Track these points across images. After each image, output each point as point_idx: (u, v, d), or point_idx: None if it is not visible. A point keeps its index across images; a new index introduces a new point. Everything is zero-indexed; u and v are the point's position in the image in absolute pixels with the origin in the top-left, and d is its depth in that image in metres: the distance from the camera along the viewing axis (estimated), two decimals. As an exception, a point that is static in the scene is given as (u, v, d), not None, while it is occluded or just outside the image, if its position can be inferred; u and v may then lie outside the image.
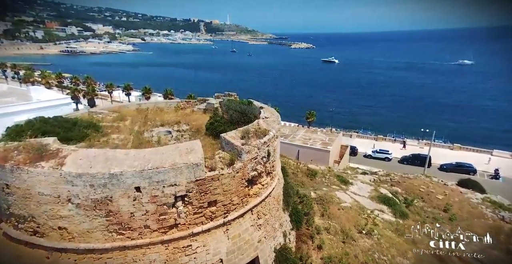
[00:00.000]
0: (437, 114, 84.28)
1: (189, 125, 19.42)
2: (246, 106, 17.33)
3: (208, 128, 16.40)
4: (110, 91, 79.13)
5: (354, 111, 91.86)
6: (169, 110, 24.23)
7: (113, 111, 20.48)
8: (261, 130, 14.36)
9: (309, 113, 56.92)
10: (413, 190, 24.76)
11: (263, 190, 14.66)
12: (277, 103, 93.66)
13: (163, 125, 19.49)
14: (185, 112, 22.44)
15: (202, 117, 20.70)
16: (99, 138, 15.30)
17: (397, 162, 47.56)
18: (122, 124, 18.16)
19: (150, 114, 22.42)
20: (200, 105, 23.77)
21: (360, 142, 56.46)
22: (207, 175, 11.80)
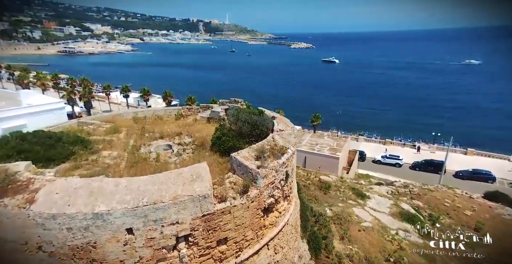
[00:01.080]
0: (445, 116, 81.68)
1: (191, 137, 17.20)
2: (257, 116, 15.12)
3: (214, 142, 14.20)
4: (107, 92, 76.66)
5: (357, 113, 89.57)
6: (169, 119, 22.03)
7: (106, 121, 18.27)
8: (278, 147, 12.16)
9: (314, 116, 54.63)
10: (437, 204, 22.56)
11: (280, 218, 12.45)
12: (278, 104, 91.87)
13: (162, 137, 17.29)
14: (187, 122, 20.19)
15: (206, 127, 18.49)
16: (87, 156, 13.07)
17: (408, 168, 45.07)
18: (115, 138, 15.95)
19: (148, 123, 20.23)
20: (203, 113, 21.54)
21: (367, 146, 54.12)
22: (217, 208, 9.57)
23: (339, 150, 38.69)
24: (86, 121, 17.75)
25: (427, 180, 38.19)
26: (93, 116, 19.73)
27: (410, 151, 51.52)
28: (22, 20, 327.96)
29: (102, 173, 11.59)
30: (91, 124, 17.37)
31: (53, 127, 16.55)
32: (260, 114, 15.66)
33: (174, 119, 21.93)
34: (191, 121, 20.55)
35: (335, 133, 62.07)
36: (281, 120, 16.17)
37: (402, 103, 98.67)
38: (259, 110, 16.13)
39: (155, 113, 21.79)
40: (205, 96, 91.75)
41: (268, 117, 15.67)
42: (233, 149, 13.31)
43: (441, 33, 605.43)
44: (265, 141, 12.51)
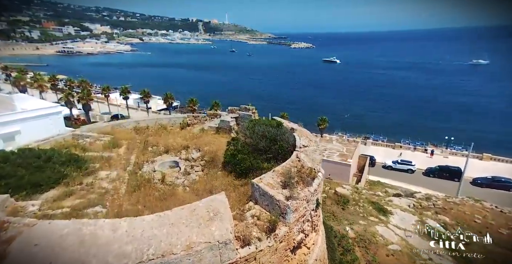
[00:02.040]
0: (455, 118, 79.18)
1: (200, 150, 15.32)
2: (275, 129, 13.26)
3: (228, 161, 12.34)
4: (106, 94, 74.64)
5: (362, 114, 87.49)
6: (174, 128, 20.14)
7: (105, 133, 16.38)
8: (306, 170, 10.29)
9: (321, 119, 52.66)
10: (466, 220, 20.65)
11: (309, 256, 10.56)
12: (281, 106, 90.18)
13: (167, 151, 15.40)
14: (193, 132, 18.28)
15: (215, 139, 16.61)
16: (82, 179, 11.20)
17: (421, 175, 42.90)
18: (115, 153, 14.07)
19: (151, 134, 18.34)
20: (211, 121, 19.64)
21: (376, 150, 52.13)
22: (240, 256, 7.69)
23: (349, 156, 36.82)
24: (81, 134, 15.83)
25: (443, 187, 36.34)
26: (90, 126, 17.77)
27: (421, 155, 49.47)
28: (20, 20, 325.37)
29: (98, 202, 9.71)
30: (88, 137, 15.50)
31: (44, 141, 14.67)
32: (278, 126, 13.76)
33: (179, 129, 20.07)
34: (198, 131, 18.65)
35: (342, 136, 60.19)
36: (302, 133, 14.25)
37: (408, 105, 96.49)
38: (277, 121, 14.22)
39: (158, 122, 19.90)
40: (206, 97, 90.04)
41: (287, 129, 13.79)
42: (251, 169, 11.47)
43: (442, 32, 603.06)
44: (289, 162, 10.64)
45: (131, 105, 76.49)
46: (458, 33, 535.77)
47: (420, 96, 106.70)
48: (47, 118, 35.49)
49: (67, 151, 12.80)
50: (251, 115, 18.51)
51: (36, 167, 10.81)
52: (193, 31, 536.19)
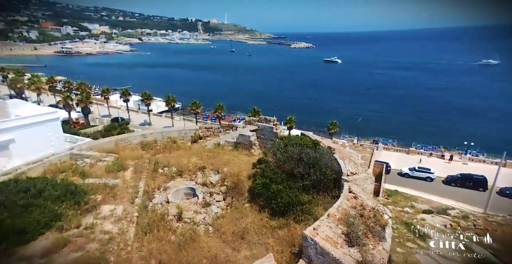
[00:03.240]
0: (466, 121, 76.56)
1: (219, 172, 13.07)
2: (313, 150, 10.98)
3: (260, 192, 10.06)
4: (106, 96, 72.21)
5: (368, 116, 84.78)
6: (185, 141, 17.86)
7: (108, 152, 14.10)
8: (369, 213, 8.01)
9: (331, 123, 50.27)
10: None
11: None
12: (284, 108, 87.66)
13: (181, 174, 13.14)
14: (208, 148, 16.01)
15: (235, 157, 14.35)
16: (80, 219, 8.93)
17: (441, 183, 40.42)
18: (120, 178, 11.82)
19: (160, 150, 16.08)
20: (227, 134, 17.35)
21: (389, 155, 49.64)
22: None
23: (366, 165, 34.52)
24: (81, 153, 13.51)
25: (467, 198, 34.08)
26: (90, 143, 15.45)
27: (438, 161, 47.03)
28: (18, 19, 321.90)
29: (100, 257, 7.43)
30: (88, 157, 13.22)
31: (37, 163, 12.37)
32: (315, 146, 11.48)
33: (190, 142, 17.80)
34: (213, 146, 16.39)
35: (351, 140, 57.88)
36: (343, 154, 11.99)
37: (415, 106, 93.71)
38: (313, 141, 11.90)
39: (167, 135, 17.60)
40: (208, 98, 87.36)
41: (326, 150, 11.52)
42: (292, 205, 9.21)
43: (443, 32, 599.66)
44: (344, 200, 8.36)
45: (131, 107, 74.13)
46: (460, 33, 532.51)
47: (428, 97, 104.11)
48: (44, 125, 32.98)
49: (62, 180, 10.46)
50: (273, 127, 16.25)
51: (22, 206, 8.50)
52: (192, 31, 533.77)
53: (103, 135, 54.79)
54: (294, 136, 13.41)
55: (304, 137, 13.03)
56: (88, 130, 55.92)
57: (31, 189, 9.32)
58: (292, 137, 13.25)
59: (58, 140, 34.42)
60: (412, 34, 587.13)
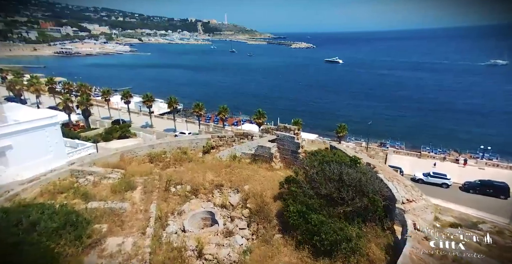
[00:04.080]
0: (476, 123, 74.49)
1: (238, 191, 11.53)
2: (354, 170, 9.35)
3: (296, 223, 8.40)
4: (107, 98, 70.64)
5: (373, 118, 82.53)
6: (196, 151, 16.31)
7: (113, 167, 12.54)
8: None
9: (340, 126, 48.65)
10: None
11: None
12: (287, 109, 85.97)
13: (196, 193, 11.58)
14: (222, 161, 14.44)
15: (255, 172, 12.77)
16: (82, 259, 7.37)
17: (458, 190, 38.45)
18: (128, 201, 10.27)
19: (170, 163, 14.53)
20: (242, 144, 15.76)
21: (399, 159, 47.92)
22: None
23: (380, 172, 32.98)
24: (83, 170, 11.90)
25: (488, 207, 32.31)
26: (93, 157, 13.85)
27: (452, 166, 45.18)
28: (18, 20, 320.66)
29: None
30: (91, 174, 11.65)
31: (33, 183, 10.79)
32: (355, 164, 9.89)
33: (202, 152, 16.25)
34: (228, 158, 14.82)
35: (359, 143, 56.27)
36: (386, 172, 10.41)
37: (422, 107, 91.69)
38: (351, 158, 10.27)
39: (177, 145, 16.05)
40: (209, 99, 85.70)
41: (367, 169, 9.94)
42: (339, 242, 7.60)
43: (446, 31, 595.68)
44: (415, 244, 6.72)
45: (132, 109, 72.58)
46: (464, 32, 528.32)
47: (435, 98, 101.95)
48: (43, 130, 31.47)
49: (62, 206, 8.87)
50: (294, 137, 14.69)
51: (12, 245, 6.93)
52: (192, 31, 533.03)
53: (104, 138, 53.28)
54: (325, 151, 11.80)
55: (336, 150, 11.43)
56: (88, 133, 54.40)
57: (24, 221, 7.73)
58: (324, 152, 11.65)
59: (57, 145, 32.84)
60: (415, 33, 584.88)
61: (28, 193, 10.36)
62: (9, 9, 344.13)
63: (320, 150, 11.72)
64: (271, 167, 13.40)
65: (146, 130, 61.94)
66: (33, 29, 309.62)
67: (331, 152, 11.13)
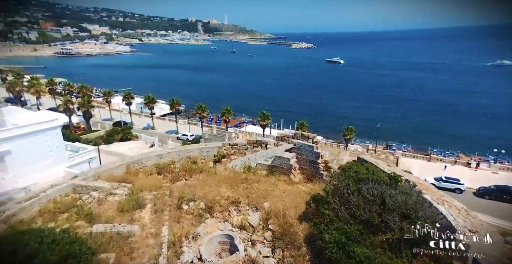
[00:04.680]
0: (485, 125, 72.95)
1: (257, 209, 10.44)
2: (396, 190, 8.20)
3: (332, 255, 7.27)
4: (108, 99, 69.61)
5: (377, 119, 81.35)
6: (207, 161, 15.24)
7: (119, 181, 11.46)
8: None
9: (347, 128, 47.48)
10: None
11: None
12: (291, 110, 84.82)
13: (211, 211, 10.50)
14: (236, 172, 13.35)
15: (273, 186, 11.66)
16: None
17: (472, 195, 37.05)
18: (137, 223, 9.18)
19: (180, 174, 13.45)
20: (257, 154, 14.66)
21: (407, 163, 46.69)
22: None
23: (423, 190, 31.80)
24: (86, 185, 10.80)
25: (506, 214, 31.27)
26: (97, 169, 12.73)
27: (463, 169, 43.67)
28: (18, 20, 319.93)
29: None
30: (96, 190, 10.58)
31: (30, 201, 9.69)
32: (395, 182, 8.76)
33: (213, 162, 15.17)
34: (242, 169, 13.73)
35: (366, 146, 55.11)
36: (431, 191, 9.30)
37: (427, 109, 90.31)
38: (389, 175, 9.13)
39: (186, 154, 14.97)
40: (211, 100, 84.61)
41: (411, 189, 8.81)
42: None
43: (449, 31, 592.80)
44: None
45: (133, 110, 71.57)
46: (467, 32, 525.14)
47: (440, 99, 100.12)
48: (43, 134, 30.38)
49: (62, 233, 7.75)
50: (313, 146, 13.59)
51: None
52: (192, 31, 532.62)
53: (106, 141, 52.22)
54: (355, 165, 10.67)
55: (366, 164, 10.32)
56: (89, 136, 53.40)
57: (20, 252, 6.64)
58: (354, 166, 10.51)
59: (58, 150, 31.68)
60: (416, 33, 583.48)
61: (26, 213, 9.26)
62: (9, 9, 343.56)
63: (350, 164, 10.63)
64: (290, 179, 12.33)
65: (147, 132, 60.88)
66: (33, 29, 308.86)
67: (363, 166, 10.04)
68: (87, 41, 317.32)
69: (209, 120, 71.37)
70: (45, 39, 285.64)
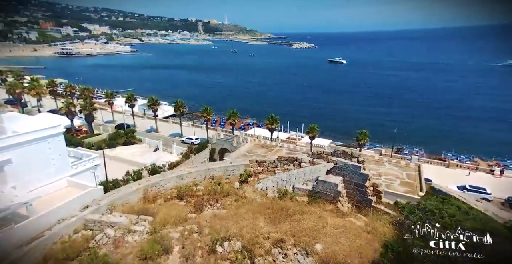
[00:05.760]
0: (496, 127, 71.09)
1: (308, 254, 8.57)
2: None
3: None
4: (110, 101, 67.62)
5: (385, 122, 79.48)
6: (231, 180, 13.40)
7: (138, 213, 9.57)
8: None
9: (361, 133, 45.31)
10: None
11: None
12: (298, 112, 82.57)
13: (251, 255, 8.63)
14: (278, 204, 11.41)
15: (321, 219, 9.85)
16: None
17: (501, 206, 35.01)
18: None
19: (204, 197, 11.60)
20: (294, 175, 12.75)
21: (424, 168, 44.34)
22: None
23: (415, 185, 30.00)
24: (100, 220, 8.92)
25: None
26: (111, 196, 10.86)
27: (485, 177, 40.96)
28: (17, 20, 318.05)
29: None
30: (111, 225, 8.71)
31: (34, 243, 7.85)
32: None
33: (239, 182, 13.31)
34: (276, 193, 11.84)
35: (378, 150, 53.06)
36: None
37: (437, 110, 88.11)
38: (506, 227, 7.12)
39: (209, 174, 13.11)
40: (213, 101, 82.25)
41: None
42: None
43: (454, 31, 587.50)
44: None
45: (135, 112, 69.57)
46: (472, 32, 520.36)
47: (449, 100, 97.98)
48: (45, 142, 28.34)
49: None
50: (359, 166, 11.71)
51: None
52: (193, 31, 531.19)
53: (108, 145, 50.32)
54: (434, 201, 8.74)
55: (446, 197, 8.44)
56: (92, 139, 51.53)
57: None
58: (434, 202, 8.57)
59: (61, 158, 29.70)
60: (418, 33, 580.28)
61: (28, 261, 7.40)
62: (9, 9, 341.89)
63: (426, 198, 8.65)
64: (338, 209, 10.48)
65: (151, 135, 59.02)
66: (33, 29, 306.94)
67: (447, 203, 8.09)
68: (87, 41, 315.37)
69: (213, 121, 69.41)
70: (45, 39, 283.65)
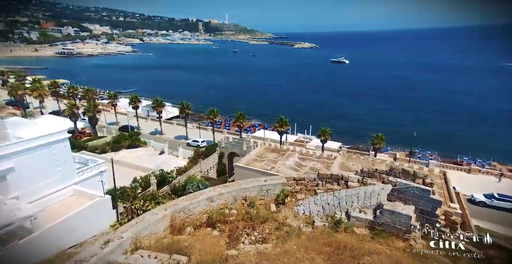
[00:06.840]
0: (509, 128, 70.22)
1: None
2: None
3: None
4: (113, 103, 65.88)
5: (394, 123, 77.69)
6: (266, 202, 11.69)
7: (168, 250, 7.84)
8: None
9: (376, 136, 43.45)
10: None
11: None
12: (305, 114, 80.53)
13: None
14: (335, 239, 9.60)
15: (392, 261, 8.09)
16: None
17: None
18: None
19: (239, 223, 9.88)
20: (342, 197, 11.01)
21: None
22: None
23: (444, 195, 28.16)
24: (126, 263, 7.20)
25: None
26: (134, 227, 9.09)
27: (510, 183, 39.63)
28: (18, 20, 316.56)
29: None
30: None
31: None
32: None
33: (275, 204, 11.59)
34: (322, 220, 10.09)
35: (393, 154, 51.19)
36: None
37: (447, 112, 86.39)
38: None
39: (241, 194, 11.39)
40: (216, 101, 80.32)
41: None
42: None
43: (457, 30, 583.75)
44: None
45: (139, 113, 67.94)
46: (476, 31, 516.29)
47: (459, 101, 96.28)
48: (50, 148, 26.57)
49: None
50: (429, 190, 9.86)
51: None
52: (193, 31, 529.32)
53: (113, 148, 48.62)
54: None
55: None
56: (96, 142, 49.94)
57: None
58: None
59: (66, 164, 27.86)
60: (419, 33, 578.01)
61: None
62: (9, 9, 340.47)
63: None
64: (411, 248, 8.66)
65: (156, 138, 57.36)
66: (34, 29, 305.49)
67: None
68: (88, 41, 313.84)
69: (218, 123, 67.62)
70: (46, 39, 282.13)
